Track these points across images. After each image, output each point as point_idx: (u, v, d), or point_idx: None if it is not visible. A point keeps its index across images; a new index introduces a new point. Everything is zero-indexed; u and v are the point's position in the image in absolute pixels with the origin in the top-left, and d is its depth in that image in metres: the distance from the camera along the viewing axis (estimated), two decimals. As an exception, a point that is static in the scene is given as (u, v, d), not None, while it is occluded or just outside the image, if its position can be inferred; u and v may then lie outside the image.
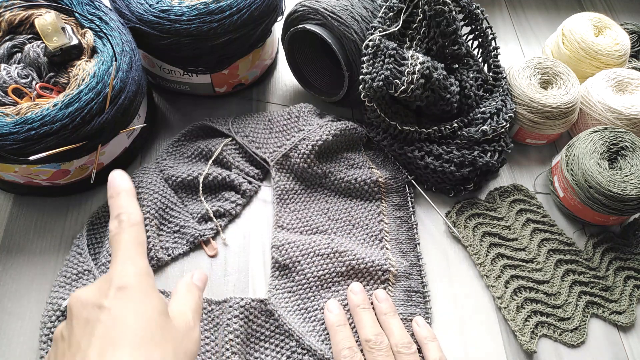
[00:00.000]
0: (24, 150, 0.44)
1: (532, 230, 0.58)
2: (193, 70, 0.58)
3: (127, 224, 0.35)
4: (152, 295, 0.34)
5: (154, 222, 0.52)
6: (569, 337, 0.52)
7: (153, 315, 0.33)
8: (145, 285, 0.34)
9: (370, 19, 0.57)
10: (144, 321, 0.32)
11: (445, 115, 0.60)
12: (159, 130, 0.62)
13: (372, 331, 0.47)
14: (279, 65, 0.70)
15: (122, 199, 0.36)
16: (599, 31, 0.69)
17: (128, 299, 0.32)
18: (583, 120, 0.64)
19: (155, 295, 0.34)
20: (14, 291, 0.50)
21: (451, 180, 0.59)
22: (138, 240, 0.35)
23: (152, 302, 0.33)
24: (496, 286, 0.54)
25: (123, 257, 0.34)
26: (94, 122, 0.47)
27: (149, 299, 0.33)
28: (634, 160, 0.56)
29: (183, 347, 0.34)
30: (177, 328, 0.34)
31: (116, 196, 0.37)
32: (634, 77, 0.63)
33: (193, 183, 0.56)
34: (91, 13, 0.52)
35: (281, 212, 0.56)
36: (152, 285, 0.34)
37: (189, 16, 0.52)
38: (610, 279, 0.56)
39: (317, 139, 0.57)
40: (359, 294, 0.50)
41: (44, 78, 0.49)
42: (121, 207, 0.36)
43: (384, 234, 0.56)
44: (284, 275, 0.52)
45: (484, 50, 0.64)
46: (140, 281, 0.33)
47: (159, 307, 0.33)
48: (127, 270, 0.33)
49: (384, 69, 0.54)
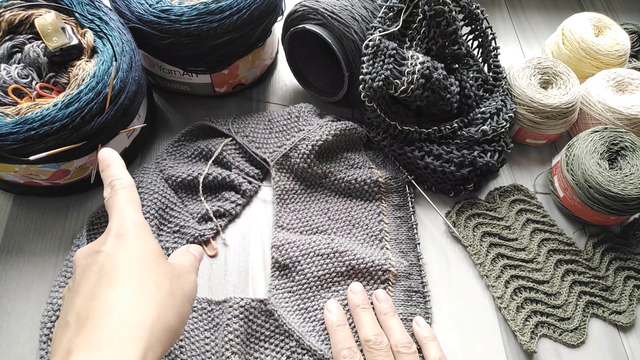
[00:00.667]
0: (24, 150, 0.44)
1: (532, 230, 0.58)
2: (193, 70, 0.58)
3: (119, 187, 0.37)
4: (149, 240, 0.35)
5: (154, 222, 0.52)
6: (569, 337, 0.52)
7: (149, 253, 0.34)
8: (141, 233, 0.35)
9: (370, 19, 0.57)
10: (140, 257, 0.33)
11: (445, 115, 0.60)
12: (159, 130, 0.62)
13: (371, 331, 0.47)
14: (279, 65, 0.70)
15: (112, 169, 0.38)
16: (599, 31, 0.69)
17: (125, 243, 0.34)
18: (583, 120, 0.64)
19: (152, 240, 0.35)
20: (14, 291, 0.50)
21: (451, 180, 0.59)
22: (131, 199, 0.37)
23: (148, 243, 0.35)
24: (496, 286, 0.54)
25: (119, 213, 0.35)
26: (94, 122, 0.47)
27: (145, 242, 0.35)
28: (634, 160, 0.56)
29: (179, 284, 0.35)
30: (173, 267, 0.35)
31: (107, 168, 0.38)
32: (634, 77, 0.63)
33: (193, 183, 0.56)
34: (91, 13, 0.52)
35: (281, 212, 0.56)
36: (148, 233, 0.36)
37: (189, 16, 0.52)
38: (610, 279, 0.56)
39: (317, 139, 0.57)
40: (359, 294, 0.50)
41: (44, 78, 0.49)
42: (112, 175, 0.38)
43: (384, 234, 0.56)
44: (284, 275, 0.52)
45: (484, 50, 0.64)
46: (137, 229, 0.35)
47: (155, 248, 0.35)
48: (123, 222, 0.35)
49: (384, 69, 0.54)
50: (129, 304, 0.31)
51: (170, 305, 0.33)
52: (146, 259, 0.34)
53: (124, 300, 0.31)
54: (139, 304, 0.31)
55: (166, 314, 0.32)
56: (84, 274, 0.33)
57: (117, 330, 0.29)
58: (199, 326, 0.48)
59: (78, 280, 0.33)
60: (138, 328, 0.30)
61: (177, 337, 0.33)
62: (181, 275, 0.36)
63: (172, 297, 0.33)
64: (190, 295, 0.36)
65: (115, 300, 0.30)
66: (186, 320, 0.35)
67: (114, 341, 0.29)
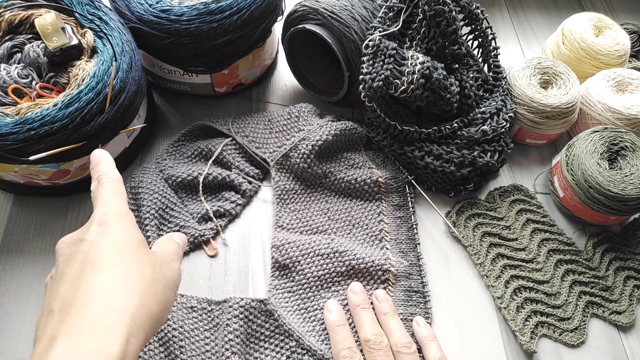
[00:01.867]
0: (24, 150, 0.44)
1: (532, 230, 0.58)
2: (193, 70, 0.58)
3: (105, 180, 0.37)
4: (132, 228, 0.35)
5: (154, 222, 0.52)
6: (569, 337, 0.52)
7: (131, 241, 0.34)
8: (125, 221, 0.35)
9: (370, 19, 0.57)
10: (122, 245, 0.34)
11: (445, 115, 0.60)
12: (159, 130, 0.62)
13: (371, 331, 0.47)
14: (279, 65, 0.70)
15: (101, 166, 0.39)
16: (599, 31, 0.69)
17: (108, 230, 0.34)
18: (583, 120, 0.64)
19: (134, 229, 0.36)
20: (14, 291, 0.50)
21: (451, 180, 0.59)
22: (117, 191, 0.37)
23: (131, 232, 0.35)
24: (496, 286, 0.54)
25: (102, 203, 0.36)
26: (94, 122, 0.47)
27: (128, 230, 0.35)
28: (634, 160, 0.56)
29: (162, 271, 0.35)
30: (156, 255, 0.36)
31: (96, 166, 0.39)
32: (634, 77, 0.63)
33: (193, 183, 0.56)
34: (91, 13, 0.52)
35: (281, 212, 0.56)
36: (132, 221, 0.36)
37: (189, 16, 0.52)
38: (610, 279, 0.56)
39: (317, 139, 0.57)
40: (359, 294, 0.50)
41: (44, 78, 0.49)
42: (100, 171, 0.38)
43: (384, 234, 0.56)
44: (284, 275, 0.52)
45: (484, 50, 0.64)
46: (120, 218, 0.35)
47: (137, 237, 0.35)
48: (107, 210, 0.35)
49: (384, 69, 0.54)
50: (111, 291, 0.31)
51: (153, 292, 0.33)
52: (129, 247, 0.34)
53: (107, 288, 0.31)
54: (121, 292, 0.31)
55: (149, 301, 0.32)
56: (68, 261, 0.33)
57: (99, 317, 0.30)
58: (199, 326, 0.48)
59: (62, 268, 0.33)
60: (120, 315, 0.30)
61: (160, 324, 0.34)
62: (164, 263, 0.36)
63: (154, 284, 0.33)
64: (173, 283, 0.36)
65: (98, 288, 0.31)
66: (170, 308, 0.35)
67: (97, 327, 0.29)
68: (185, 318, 0.48)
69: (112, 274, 0.32)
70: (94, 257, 0.32)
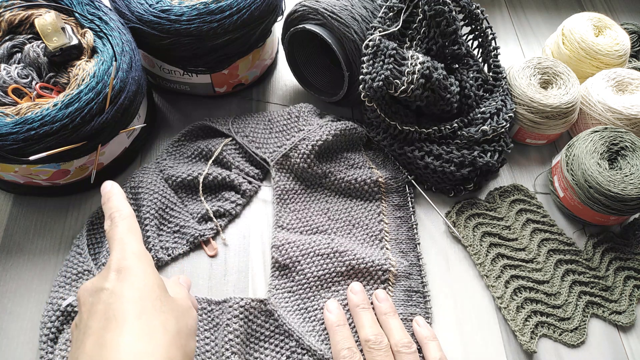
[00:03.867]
0: (24, 150, 0.44)
1: (532, 230, 0.58)
2: (193, 70, 0.58)
3: (119, 219, 0.37)
4: (151, 273, 0.35)
5: (154, 222, 0.52)
6: (569, 337, 0.52)
7: (152, 288, 0.34)
8: (144, 265, 0.35)
9: (370, 19, 0.57)
10: (143, 294, 0.34)
11: (445, 115, 0.60)
12: (159, 130, 0.62)
13: (371, 331, 0.47)
14: (279, 65, 0.70)
15: (112, 201, 0.39)
16: (599, 31, 0.69)
17: (127, 278, 0.34)
18: (583, 120, 0.64)
19: (153, 273, 0.35)
20: (14, 291, 0.50)
21: (451, 180, 0.59)
22: (131, 230, 0.37)
23: (151, 277, 0.35)
24: (496, 286, 0.54)
25: (119, 245, 0.36)
26: (94, 122, 0.47)
27: (147, 275, 0.35)
28: (634, 160, 0.56)
29: (184, 320, 0.35)
30: (176, 303, 0.36)
31: (107, 201, 0.39)
32: (634, 77, 0.63)
33: (193, 183, 0.56)
34: (91, 13, 0.52)
35: (281, 212, 0.56)
36: (149, 264, 0.36)
37: (189, 16, 0.52)
38: (610, 279, 0.56)
39: (317, 139, 0.57)
40: (359, 294, 0.50)
41: (44, 78, 0.49)
42: (112, 207, 0.38)
43: (384, 234, 0.56)
44: (284, 275, 0.52)
45: (484, 50, 0.64)
46: (138, 262, 0.35)
47: (158, 282, 0.35)
48: (124, 254, 0.35)
49: (384, 69, 0.54)
50: (137, 349, 0.31)
51: (178, 345, 0.33)
52: (151, 296, 0.34)
53: (133, 346, 0.31)
54: (147, 348, 0.31)
55: (175, 354, 0.32)
56: (91, 312, 0.33)
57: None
58: (198, 326, 0.48)
59: (85, 319, 0.33)
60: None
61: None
62: (185, 311, 0.36)
63: (178, 336, 0.33)
64: (194, 330, 0.36)
65: (125, 348, 0.31)
66: (192, 356, 0.35)
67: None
68: None
69: (136, 329, 0.32)
70: (116, 311, 0.32)
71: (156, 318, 0.33)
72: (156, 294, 0.34)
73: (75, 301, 0.46)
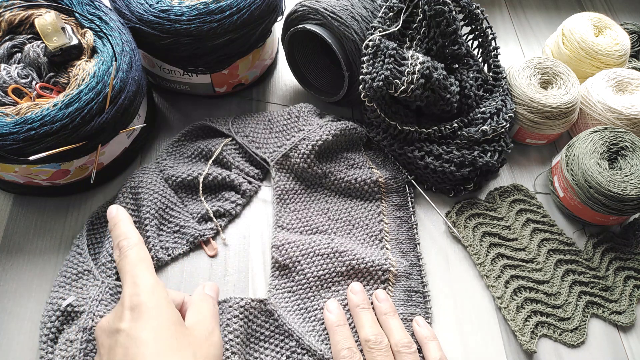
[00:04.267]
0: (24, 150, 0.44)
1: (532, 230, 0.58)
2: (193, 70, 0.58)
3: (127, 248, 0.38)
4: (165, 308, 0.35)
5: (154, 222, 0.52)
6: (569, 337, 0.52)
7: (168, 326, 0.34)
8: (156, 300, 0.35)
9: (370, 19, 0.57)
10: (159, 333, 0.33)
11: (445, 115, 0.60)
12: (159, 130, 0.62)
13: (371, 331, 0.47)
14: (279, 65, 0.70)
15: (119, 228, 0.39)
16: (599, 31, 0.69)
17: (142, 317, 0.34)
18: (583, 120, 0.64)
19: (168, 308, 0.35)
20: (14, 291, 0.50)
21: (451, 180, 0.59)
22: (140, 259, 0.37)
23: (165, 314, 0.35)
24: (496, 286, 0.54)
25: (130, 278, 0.36)
26: (94, 122, 0.47)
27: (161, 311, 0.35)
28: (634, 160, 0.56)
29: (204, 351, 0.35)
30: (195, 335, 0.36)
31: (114, 227, 0.40)
32: (634, 77, 0.63)
33: (193, 183, 0.56)
34: (91, 13, 0.52)
35: (281, 212, 0.56)
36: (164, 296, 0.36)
37: (189, 16, 0.52)
38: (610, 279, 0.56)
39: (317, 139, 0.57)
40: (359, 294, 0.50)
41: (44, 78, 0.49)
42: (119, 235, 0.39)
43: (384, 234, 0.56)
44: (284, 275, 0.52)
45: (484, 50, 0.64)
46: (151, 297, 0.35)
47: (172, 318, 0.35)
48: (136, 289, 0.35)
49: (384, 69, 0.54)
50: None
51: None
52: (167, 334, 0.34)
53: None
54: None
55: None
56: (110, 356, 0.33)
57: None
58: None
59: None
60: None
61: None
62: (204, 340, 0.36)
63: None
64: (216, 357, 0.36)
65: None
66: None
67: None
68: None
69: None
70: (134, 354, 0.32)
71: (174, 357, 0.33)
72: (171, 331, 0.34)
73: (75, 301, 0.46)
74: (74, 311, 0.46)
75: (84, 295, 0.47)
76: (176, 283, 0.52)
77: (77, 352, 0.43)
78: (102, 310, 0.45)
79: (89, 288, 0.47)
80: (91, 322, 0.44)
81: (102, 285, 0.47)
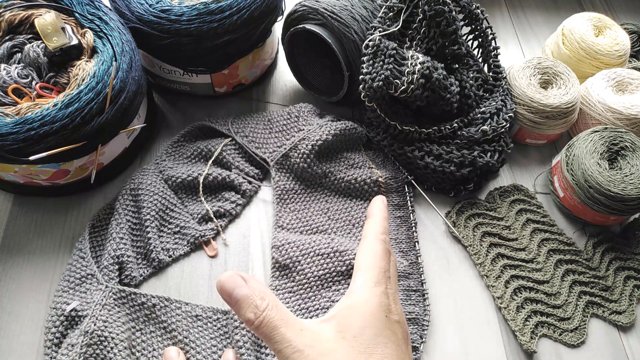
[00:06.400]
0: (24, 150, 0.44)
1: (532, 230, 0.58)
2: (193, 70, 0.58)
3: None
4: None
5: (154, 224, 0.52)
6: (569, 337, 0.52)
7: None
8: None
9: (370, 19, 0.57)
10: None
11: (445, 115, 0.60)
12: (159, 130, 0.62)
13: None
14: (279, 65, 0.70)
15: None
16: (599, 31, 0.69)
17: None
18: (583, 120, 0.64)
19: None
20: (14, 291, 0.50)
21: (451, 180, 0.59)
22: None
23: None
24: (496, 286, 0.54)
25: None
26: (94, 122, 0.47)
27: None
28: (634, 160, 0.56)
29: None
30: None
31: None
32: (634, 77, 0.64)
33: (193, 183, 0.56)
34: (91, 13, 0.52)
35: (281, 212, 0.56)
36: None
37: (189, 16, 0.52)
38: (610, 279, 0.56)
39: (317, 138, 0.57)
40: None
41: (44, 78, 0.49)
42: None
43: (384, 234, 0.56)
44: (284, 275, 0.52)
45: (484, 50, 0.64)
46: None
47: None
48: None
49: (384, 69, 0.54)
50: None
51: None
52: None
53: None
54: None
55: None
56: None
57: None
58: (204, 334, 0.48)
59: None
60: None
61: None
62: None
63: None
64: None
65: None
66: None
67: None
68: (191, 327, 0.48)
69: None
70: None
71: None
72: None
73: (79, 305, 0.46)
74: (78, 316, 0.46)
75: (88, 299, 0.47)
76: (176, 284, 0.51)
77: (77, 356, 0.43)
78: (105, 315, 0.45)
79: (93, 292, 0.47)
80: (93, 326, 0.44)
81: (106, 290, 0.47)
